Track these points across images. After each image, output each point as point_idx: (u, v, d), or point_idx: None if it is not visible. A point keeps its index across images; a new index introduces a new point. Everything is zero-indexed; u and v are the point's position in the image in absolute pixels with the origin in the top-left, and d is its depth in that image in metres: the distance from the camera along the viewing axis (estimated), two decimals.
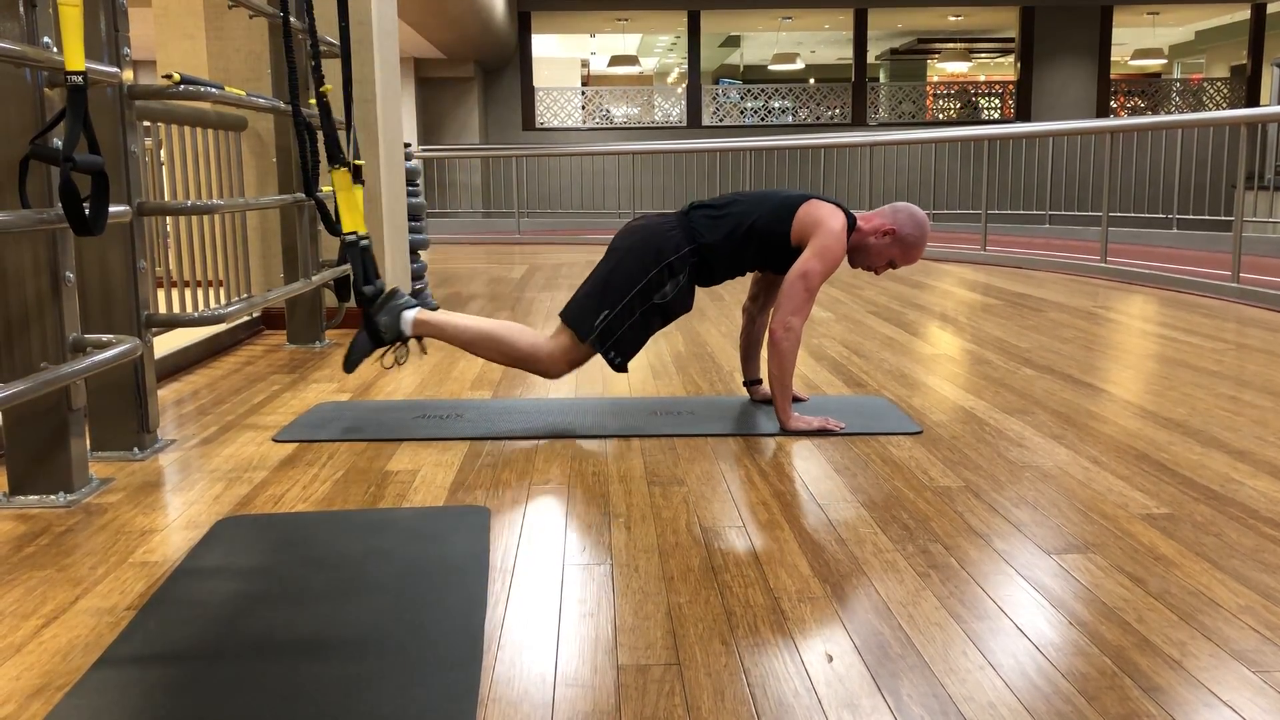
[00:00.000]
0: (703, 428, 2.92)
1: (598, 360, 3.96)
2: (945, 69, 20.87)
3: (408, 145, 5.63)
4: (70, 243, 2.35)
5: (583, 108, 17.05)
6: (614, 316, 2.86)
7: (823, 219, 2.86)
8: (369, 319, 2.93)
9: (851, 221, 2.93)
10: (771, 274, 3.12)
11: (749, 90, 17.41)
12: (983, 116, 16.78)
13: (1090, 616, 1.69)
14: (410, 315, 2.93)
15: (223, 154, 4.07)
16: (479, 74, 15.78)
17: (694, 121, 16.55)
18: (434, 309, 3.00)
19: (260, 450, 2.75)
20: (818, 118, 16.82)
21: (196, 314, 3.04)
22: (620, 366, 2.92)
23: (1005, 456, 2.64)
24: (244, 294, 4.25)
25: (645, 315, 2.88)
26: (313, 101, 3.11)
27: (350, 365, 2.97)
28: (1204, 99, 16.61)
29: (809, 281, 2.83)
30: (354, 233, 2.98)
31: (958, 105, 16.93)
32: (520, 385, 3.56)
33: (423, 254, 6.05)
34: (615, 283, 2.87)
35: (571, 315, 2.91)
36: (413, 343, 3.01)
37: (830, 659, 1.55)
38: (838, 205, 2.94)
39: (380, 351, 2.98)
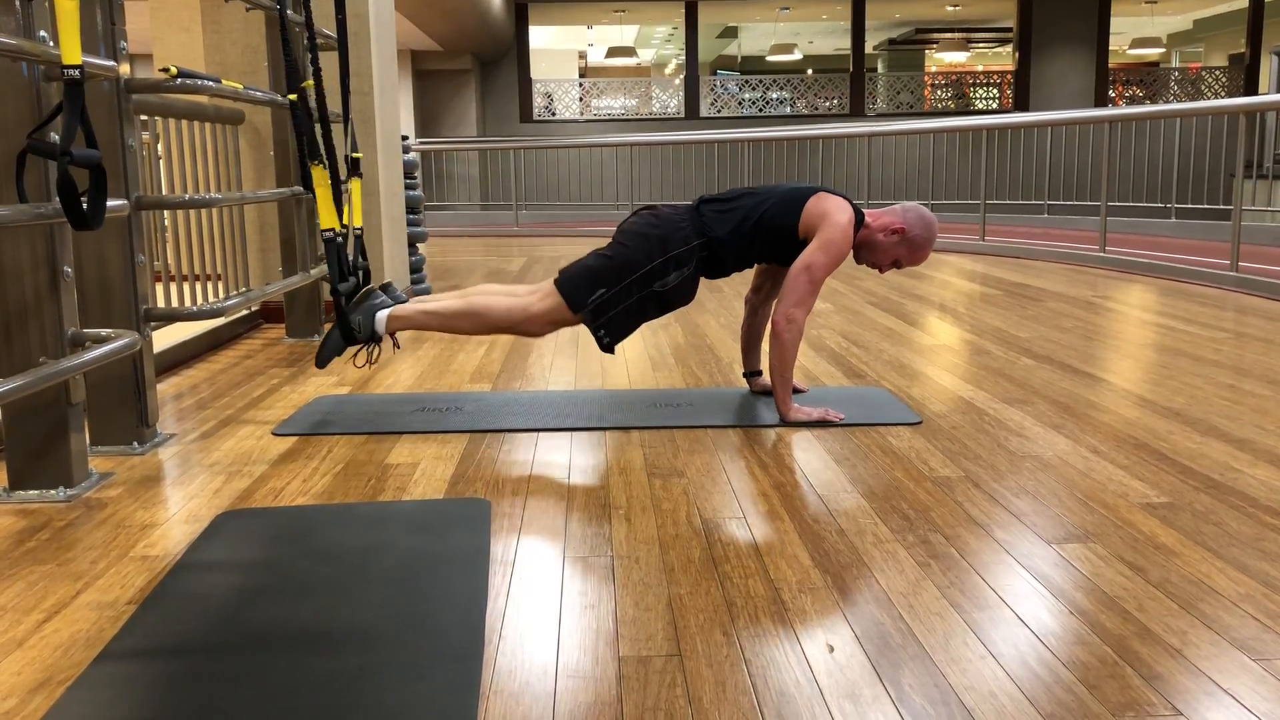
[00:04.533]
0: (702, 419, 2.92)
1: (597, 352, 3.96)
2: (943, 59, 20.84)
3: (405, 138, 5.62)
4: (68, 237, 2.35)
5: (580, 99, 17.03)
6: (610, 295, 2.83)
7: (830, 212, 2.86)
8: (341, 316, 2.93)
9: (859, 217, 2.92)
10: (776, 265, 3.12)
11: (747, 81, 17.39)
12: (979, 106, 16.76)
13: (1091, 605, 1.70)
14: (383, 315, 2.92)
15: (220, 148, 4.07)
16: (476, 66, 15.75)
17: (692, 113, 16.54)
18: (402, 301, 2.98)
19: (260, 444, 2.75)
20: (816, 109, 16.80)
21: (195, 308, 3.03)
22: (608, 347, 2.90)
23: (1005, 446, 2.64)
24: (242, 288, 4.25)
25: (642, 300, 2.86)
26: (294, 96, 3.09)
27: (322, 361, 2.96)
28: (1202, 88, 16.59)
29: (813, 274, 2.83)
30: (329, 229, 2.97)
31: (953, 95, 16.91)
32: (520, 378, 3.56)
33: (421, 247, 6.05)
34: (618, 263, 2.85)
35: (566, 284, 2.87)
36: (387, 340, 3.00)
37: (831, 649, 1.55)
38: (846, 199, 2.93)
39: (353, 350, 2.96)
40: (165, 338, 3.82)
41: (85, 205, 2.14)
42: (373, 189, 4.81)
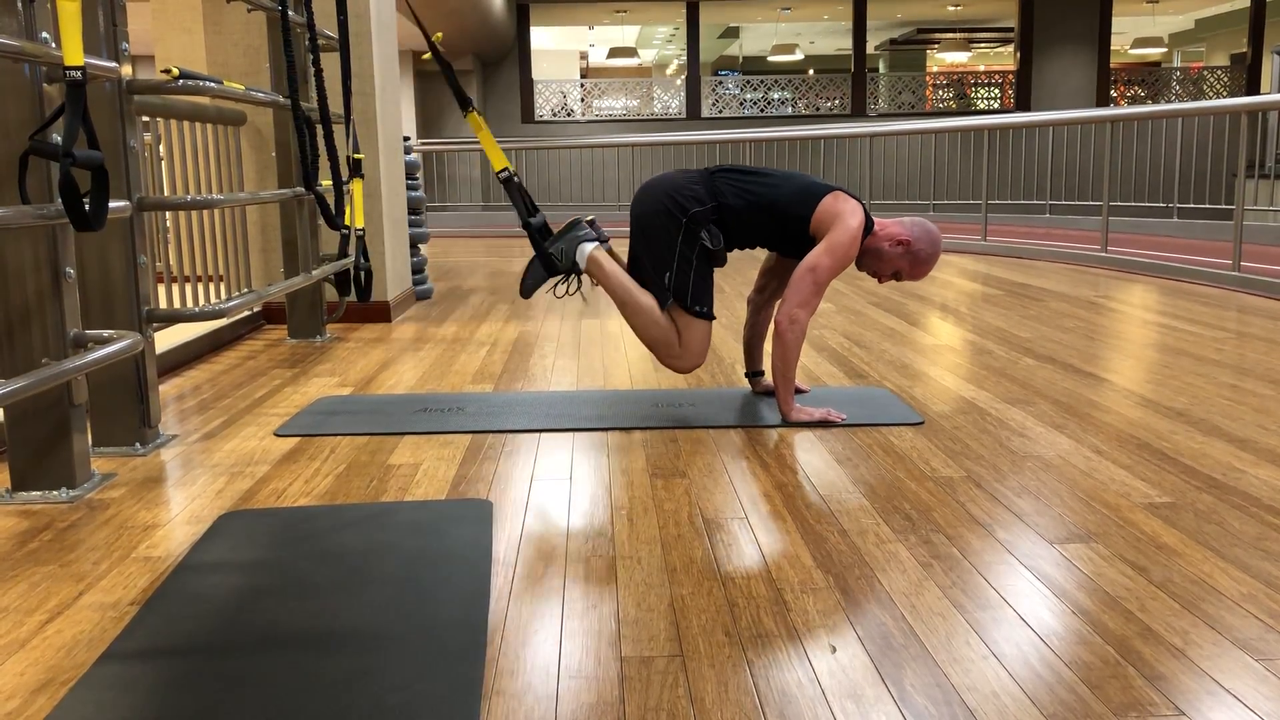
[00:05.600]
0: (704, 420, 2.92)
1: (599, 353, 3.96)
2: (945, 59, 20.84)
3: (407, 139, 5.62)
4: (70, 238, 2.35)
5: (581, 100, 17.03)
6: (678, 272, 2.88)
7: (843, 214, 2.86)
8: (540, 248, 2.99)
9: (869, 223, 2.92)
10: (780, 264, 3.12)
11: (748, 81, 17.38)
12: (980, 106, 16.75)
13: (1093, 606, 1.70)
14: (587, 249, 2.97)
15: (222, 149, 4.07)
16: (478, 66, 15.76)
17: (693, 113, 16.54)
18: (604, 240, 3.01)
19: (262, 444, 2.75)
20: (817, 109, 16.79)
21: (197, 309, 3.04)
22: (708, 314, 2.93)
23: (1007, 446, 2.64)
24: (244, 289, 4.25)
25: (700, 261, 2.90)
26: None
27: (526, 291, 3.01)
28: (1204, 87, 16.58)
29: (818, 276, 2.83)
30: (506, 169, 3.04)
31: (954, 95, 16.90)
32: (522, 379, 3.56)
33: (422, 247, 6.05)
34: (657, 245, 2.90)
35: (654, 290, 2.92)
36: (585, 280, 3.04)
37: (833, 649, 1.55)
38: (860, 203, 2.93)
39: (554, 281, 3.04)
40: (167, 339, 3.82)
41: (87, 206, 2.14)
42: (374, 190, 4.81)
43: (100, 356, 2.30)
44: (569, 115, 16.83)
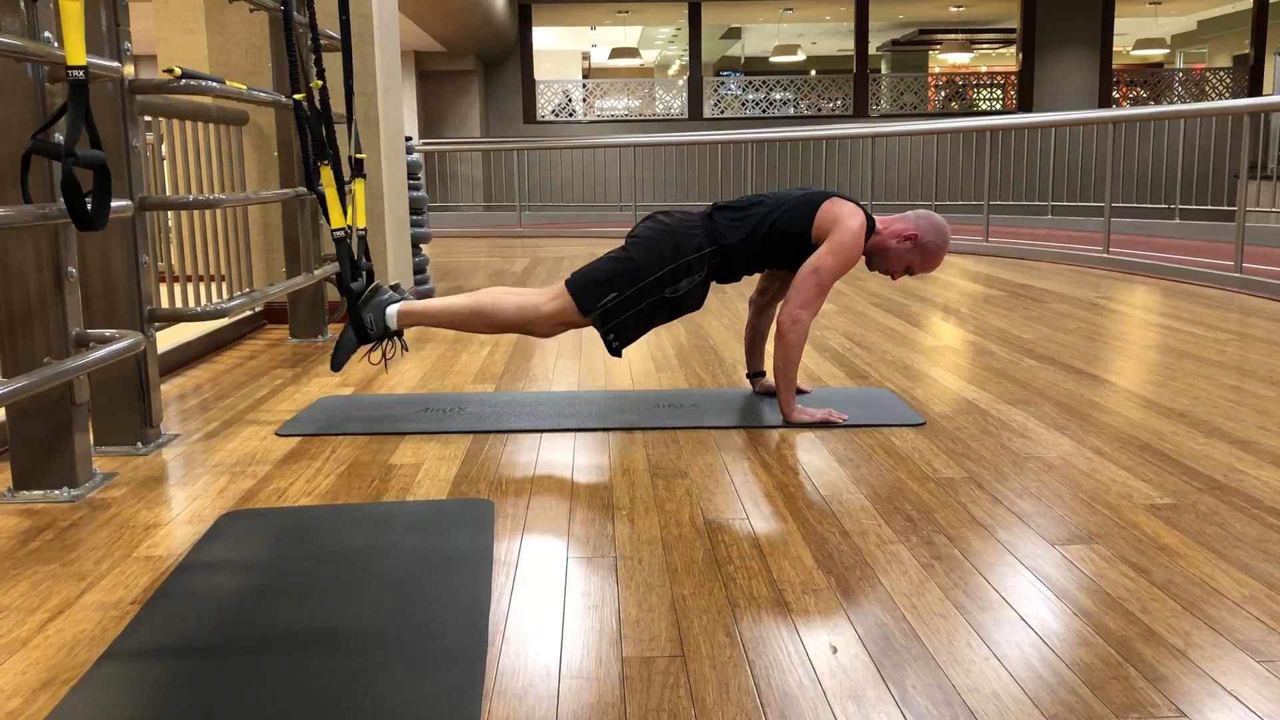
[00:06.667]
0: (706, 420, 2.92)
1: (601, 353, 3.96)
2: (947, 60, 20.83)
3: (409, 139, 5.62)
4: (72, 238, 2.35)
5: (584, 100, 17.03)
6: (621, 300, 2.83)
7: (842, 217, 2.86)
8: (354, 314, 2.92)
9: (871, 224, 2.92)
10: (786, 269, 3.12)
11: (750, 82, 17.38)
12: (982, 107, 16.75)
13: (1094, 607, 1.70)
14: (394, 309, 2.91)
15: (224, 148, 4.07)
16: (479, 67, 15.77)
17: (695, 114, 16.53)
18: (408, 298, 2.98)
19: (264, 444, 2.75)
20: (819, 109, 16.79)
21: (199, 309, 3.04)
22: (616, 350, 2.90)
23: (1008, 447, 2.64)
24: (246, 288, 4.25)
25: (653, 306, 2.86)
26: (302, 96, 3.09)
27: (337, 364, 2.94)
28: (1206, 89, 16.57)
29: (821, 277, 2.83)
30: (340, 229, 2.97)
31: (956, 96, 16.89)
32: (523, 379, 3.56)
33: (424, 247, 6.05)
34: (630, 268, 2.85)
35: (578, 287, 2.88)
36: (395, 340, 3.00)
37: (835, 650, 1.55)
38: (859, 205, 2.93)
39: (366, 348, 2.97)
40: (169, 338, 3.82)
41: (90, 206, 2.14)
42: (376, 190, 4.81)
43: (102, 356, 2.31)
44: (571, 115, 16.83)
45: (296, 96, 3.09)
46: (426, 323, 2.95)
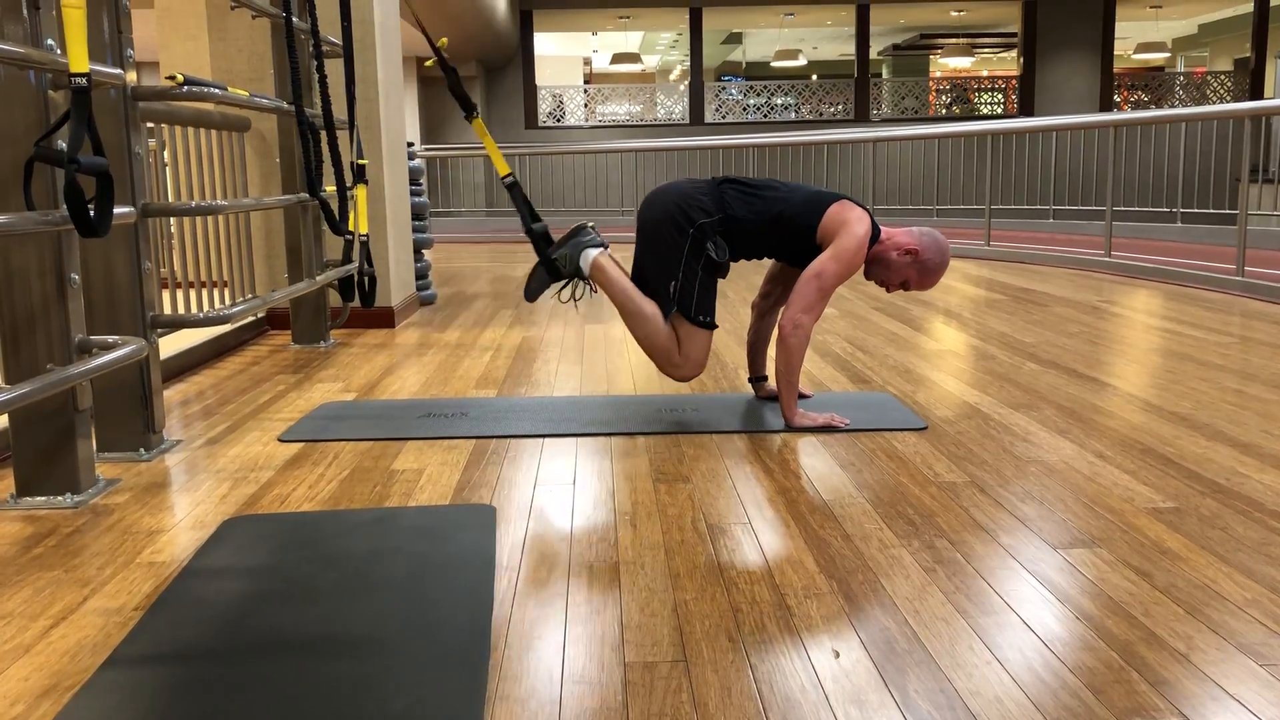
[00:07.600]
0: (708, 425, 2.92)
1: (603, 358, 3.97)
2: (948, 64, 20.84)
3: (410, 144, 5.63)
4: (75, 244, 2.36)
5: (585, 105, 17.05)
6: (683, 282, 2.89)
7: (850, 222, 2.86)
8: (543, 253, 3.03)
9: (875, 232, 2.92)
10: (786, 271, 3.12)
11: (751, 87, 17.39)
12: (983, 111, 16.76)
13: (1097, 611, 1.69)
14: (592, 255, 2.98)
15: (226, 155, 4.08)
16: (481, 72, 15.78)
17: (696, 119, 16.54)
18: (603, 245, 3.03)
19: (266, 450, 2.75)
20: (820, 114, 16.80)
21: (201, 315, 3.04)
22: (710, 324, 2.93)
23: (1010, 451, 2.64)
24: (248, 294, 4.26)
25: (705, 272, 2.90)
26: (444, 43, 3.14)
27: (531, 295, 3.07)
28: (1207, 92, 16.58)
29: (823, 282, 2.83)
30: (510, 175, 3.10)
31: (958, 100, 16.90)
32: (525, 384, 3.56)
33: (426, 253, 6.06)
34: (663, 254, 2.90)
35: (655, 298, 2.93)
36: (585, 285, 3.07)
37: (837, 655, 1.55)
38: (867, 212, 2.93)
39: (558, 285, 3.07)
40: (172, 344, 3.83)
41: (92, 212, 2.14)
42: (378, 195, 4.82)
43: (105, 362, 2.31)
44: (573, 121, 16.84)
45: (441, 42, 3.13)
46: (606, 289, 2.98)
